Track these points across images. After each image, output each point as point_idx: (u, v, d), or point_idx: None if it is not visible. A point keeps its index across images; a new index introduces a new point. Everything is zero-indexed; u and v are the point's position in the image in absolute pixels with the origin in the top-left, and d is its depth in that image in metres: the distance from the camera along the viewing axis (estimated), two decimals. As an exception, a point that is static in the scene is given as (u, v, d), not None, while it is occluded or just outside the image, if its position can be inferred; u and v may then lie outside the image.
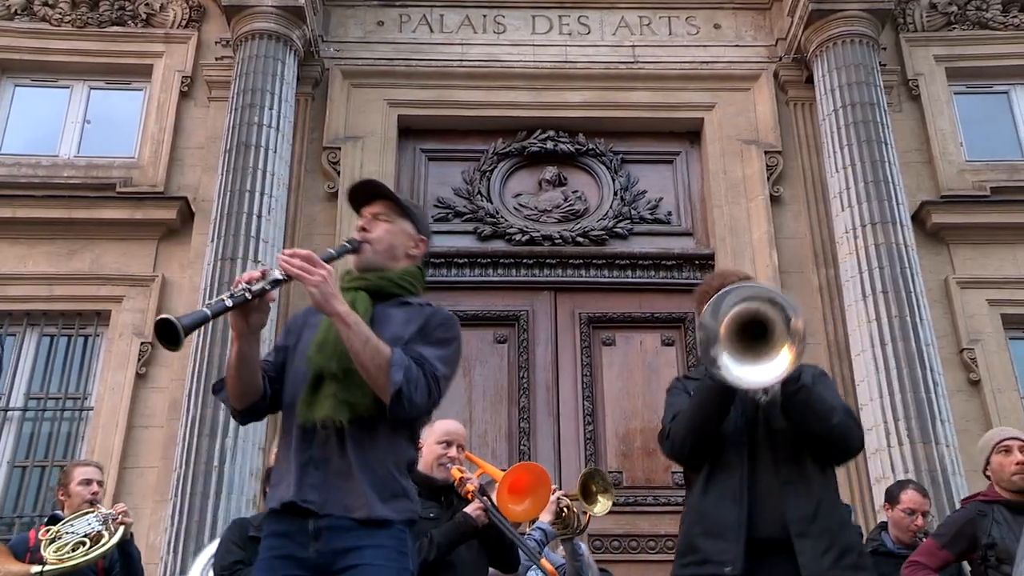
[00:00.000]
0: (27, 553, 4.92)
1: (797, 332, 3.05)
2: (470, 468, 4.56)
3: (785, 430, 3.21)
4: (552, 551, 5.55)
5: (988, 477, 4.65)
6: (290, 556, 2.72)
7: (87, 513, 5.02)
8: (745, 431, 3.22)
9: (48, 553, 4.78)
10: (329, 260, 2.77)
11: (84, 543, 4.86)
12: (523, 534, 4.89)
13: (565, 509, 5.30)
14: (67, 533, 4.91)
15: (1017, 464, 4.43)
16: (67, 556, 4.78)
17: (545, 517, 5.17)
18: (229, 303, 2.55)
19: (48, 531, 4.93)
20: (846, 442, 3.23)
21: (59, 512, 5.17)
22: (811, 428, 3.17)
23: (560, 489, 5.45)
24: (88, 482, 5.19)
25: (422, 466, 4.31)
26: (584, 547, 5.61)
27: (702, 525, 3.16)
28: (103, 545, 4.87)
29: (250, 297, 2.59)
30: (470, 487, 4.16)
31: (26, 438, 8.31)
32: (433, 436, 4.40)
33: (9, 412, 8.37)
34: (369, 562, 2.67)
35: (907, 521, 5.41)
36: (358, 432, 2.77)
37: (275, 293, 2.71)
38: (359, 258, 2.95)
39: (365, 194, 3.07)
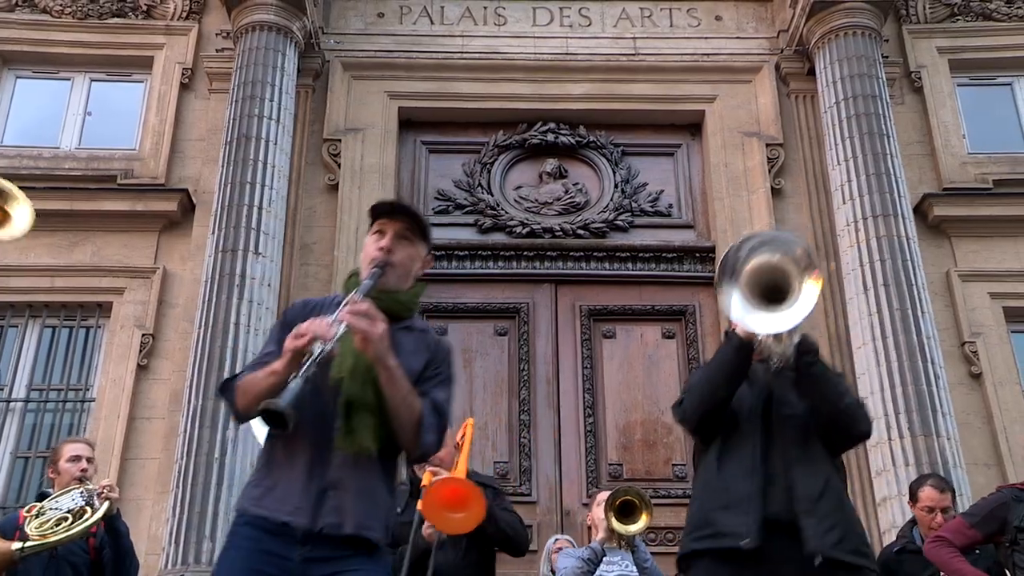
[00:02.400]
0: (16, 531, 4.85)
1: (807, 262, 3.17)
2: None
3: (797, 415, 3.27)
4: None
5: None
6: (271, 553, 2.71)
7: (73, 489, 4.96)
8: (760, 414, 3.27)
9: (31, 529, 4.75)
10: (368, 294, 2.84)
11: (67, 518, 4.79)
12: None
13: (616, 529, 5.35)
14: (51, 509, 4.85)
15: None
16: (50, 531, 4.73)
17: (599, 535, 5.39)
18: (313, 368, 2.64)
19: (33, 507, 4.89)
20: (855, 423, 3.30)
21: (48, 490, 5.13)
22: (822, 405, 3.24)
23: (610, 508, 5.48)
24: (77, 458, 5.12)
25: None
26: (648, 555, 5.60)
27: (717, 500, 3.20)
28: (85, 520, 4.79)
29: (327, 351, 2.67)
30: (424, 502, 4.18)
31: (28, 429, 8.39)
32: None
33: (11, 403, 8.45)
34: None
35: (927, 519, 5.34)
36: (372, 458, 2.83)
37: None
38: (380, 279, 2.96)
39: (390, 212, 3.09)
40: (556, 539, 6.47)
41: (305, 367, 2.60)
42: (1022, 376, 8.48)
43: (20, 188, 8.67)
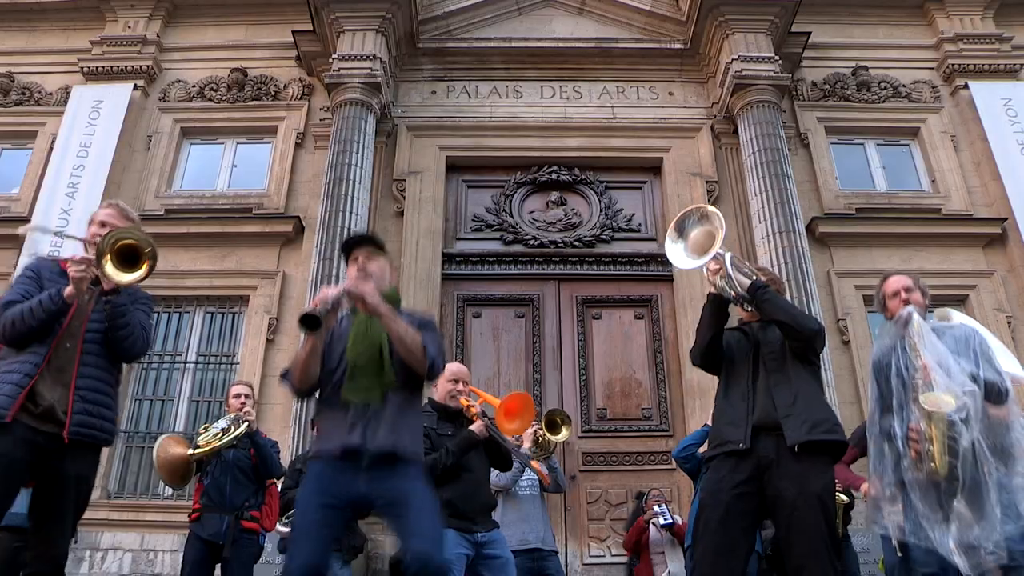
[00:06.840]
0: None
1: (712, 218, 3.49)
2: (474, 398, 4.68)
3: (775, 350, 3.32)
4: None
5: None
6: (340, 485, 2.81)
7: (225, 416, 5.21)
8: (750, 356, 3.37)
9: (199, 441, 5.08)
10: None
11: (219, 434, 5.04)
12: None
13: (540, 437, 5.47)
14: (212, 427, 5.12)
15: None
16: (207, 442, 5.02)
17: (526, 444, 5.40)
18: (328, 306, 2.82)
19: (204, 427, 5.25)
20: (807, 323, 3.33)
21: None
22: (778, 317, 3.30)
23: (538, 423, 5.56)
24: (238, 396, 5.32)
25: (438, 398, 4.52)
26: (556, 461, 5.74)
27: (724, 419, 3.30)
28: (230, 434, 5.02)
29: (332, 306, 2.88)
30: (474, 410, 4.37)
31: (198, 382, 8.82)
32: (444, 376, 4.46)
33: (186, 364, 8.89)
34: (412, 488, 2.87)
35: None
36: (391, 401, 2.95)
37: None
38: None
39: (356, 244, 3.20)
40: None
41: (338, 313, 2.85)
42: (873, 343, 7.80)
43: (191, 219, 8.82)
